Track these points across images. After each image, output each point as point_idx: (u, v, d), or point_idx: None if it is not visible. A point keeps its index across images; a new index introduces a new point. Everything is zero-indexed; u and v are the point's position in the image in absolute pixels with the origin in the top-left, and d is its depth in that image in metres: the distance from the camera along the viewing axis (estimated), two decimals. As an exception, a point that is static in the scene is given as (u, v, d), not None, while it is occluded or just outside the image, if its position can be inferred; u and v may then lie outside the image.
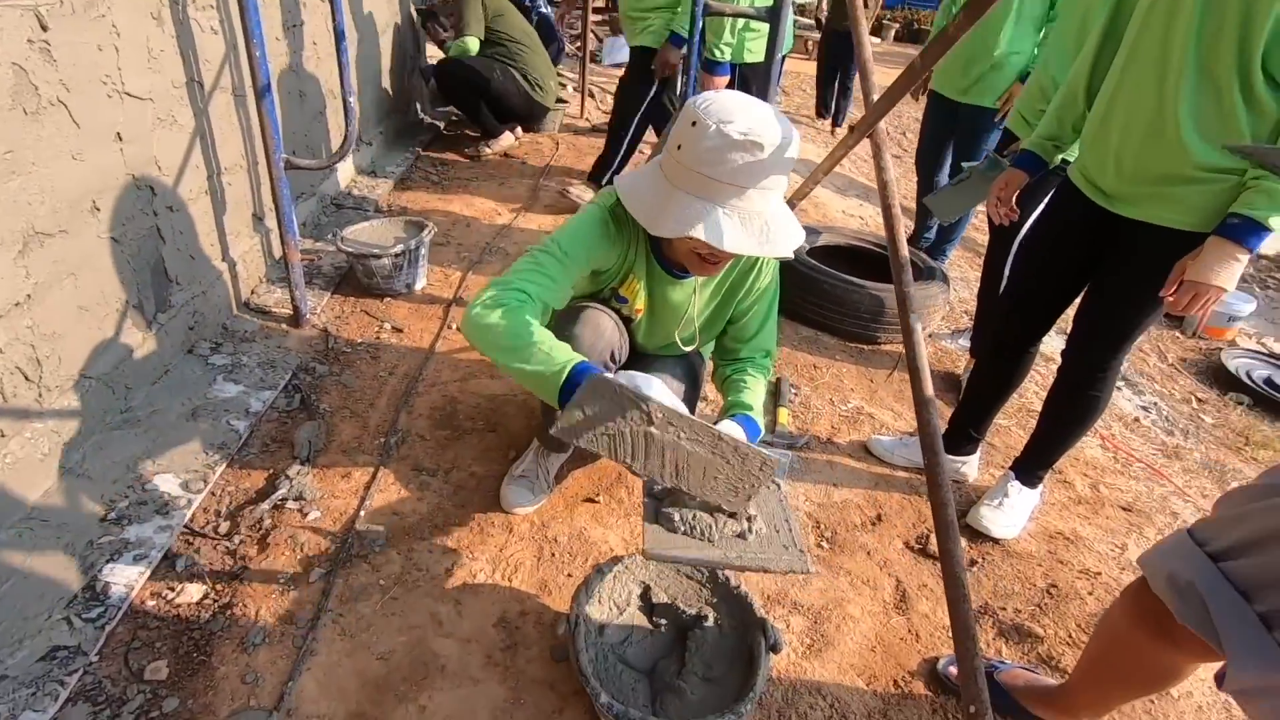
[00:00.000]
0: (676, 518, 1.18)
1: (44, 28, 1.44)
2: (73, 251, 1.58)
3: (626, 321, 1.59)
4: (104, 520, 1.51)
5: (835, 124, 6.19)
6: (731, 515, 1.19)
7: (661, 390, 1.15)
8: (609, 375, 1.11)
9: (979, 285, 2.60)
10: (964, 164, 2.42)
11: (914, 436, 2.15)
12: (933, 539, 1.82)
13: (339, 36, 2.08)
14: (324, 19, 2.91)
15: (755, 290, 1.53)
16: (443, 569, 1.54)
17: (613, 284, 1.53)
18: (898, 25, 12.98)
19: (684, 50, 3.00)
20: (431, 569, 1.54)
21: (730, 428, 1.33)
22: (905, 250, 1.07)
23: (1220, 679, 0.92)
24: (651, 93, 3.38)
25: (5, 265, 1.39)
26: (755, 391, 1.51)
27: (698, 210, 1.18)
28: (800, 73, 8.23)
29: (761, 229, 1.20)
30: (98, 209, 1.65)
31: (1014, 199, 1.82)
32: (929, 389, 0.99)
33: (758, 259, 1.48)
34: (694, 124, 1.17)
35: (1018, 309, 1.79)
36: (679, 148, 1.20)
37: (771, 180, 1.19)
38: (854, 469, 2.05)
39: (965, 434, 1.99)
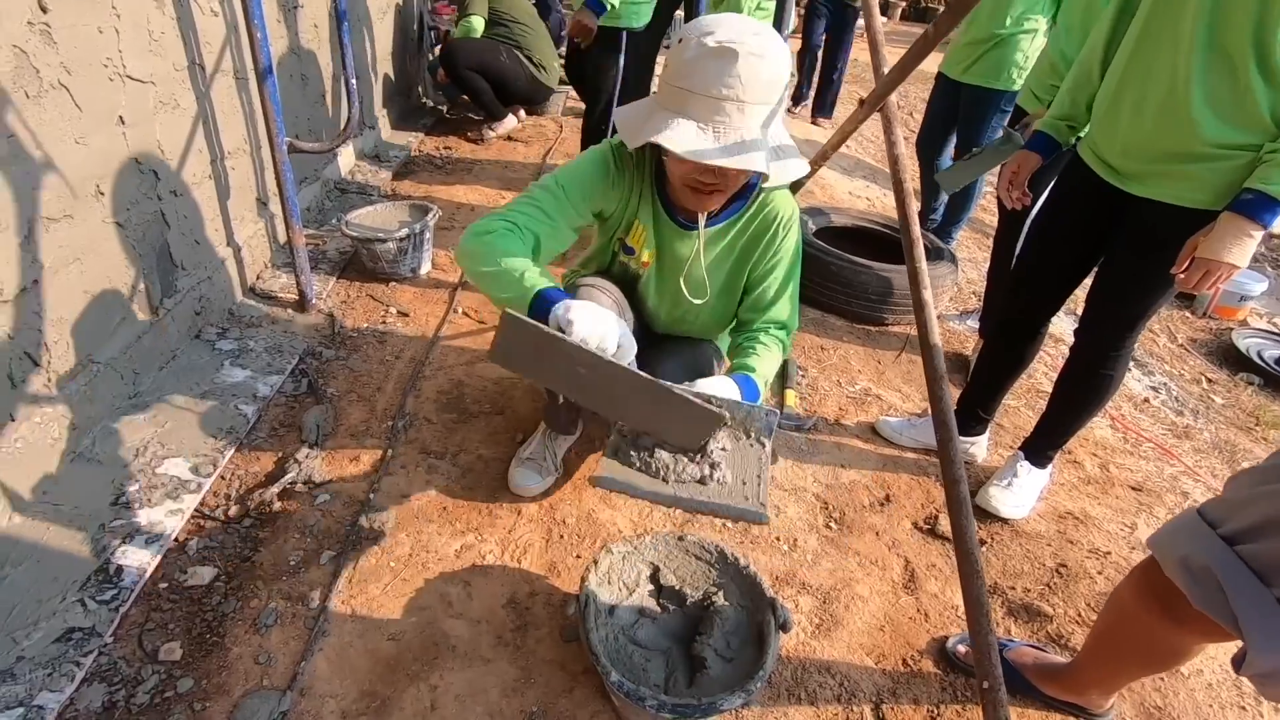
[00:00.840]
0: (633, 454, 1.16)
1: (43, 9, 1.43)
2: (78, 236, 1.57)
3: (635, 281, 1.57)
4: (115, 504, 1.52)
5: (820, 114, 5.54)
6: (697, 458, 1.16)
7: (593, 326, 1.11)
8: (522, 317, 1.08)
9: (988, 266, 2.58)
10: (974, 149, 2.39)
11: (922, 418, 2.14)
12: (941, 519, 1.81)
13: (340, 19, 2.05)
14: (325, 0, 2.88)
15: (771, 256, 1.47)
16: (452, 551, 1.55)
17: (619, 232, 1.50)
18: (904, 4, 12.80)
19: (599, 18, 2.75)
20: (440, 551, 1.55)
21: (714, 384, 1.29)
22: (917, 225, 1.06)
23: (1237, 663, 0.92)
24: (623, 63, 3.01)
25: (11, 250, 1.39)
26: (762, 357, 1.44)
27: (670, 121, 1.16)
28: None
29: (739, 141, 1.15)
30: (101, 193, 1.64)
31: (1026, 182, 1.79)
32: (942, 365, 0.98)
33: (772, 223, 1.44)
34: (680, 41, 1.18)
35: (1028, 288, 1.77)
36: (666, 66, 1.21)
37: (750, 93, 1.13)
38: (862, 450, 2.05)
39: (974, 414, 1.98)
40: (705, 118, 1.15)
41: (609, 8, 2.68)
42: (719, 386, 1.29)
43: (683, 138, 1.14)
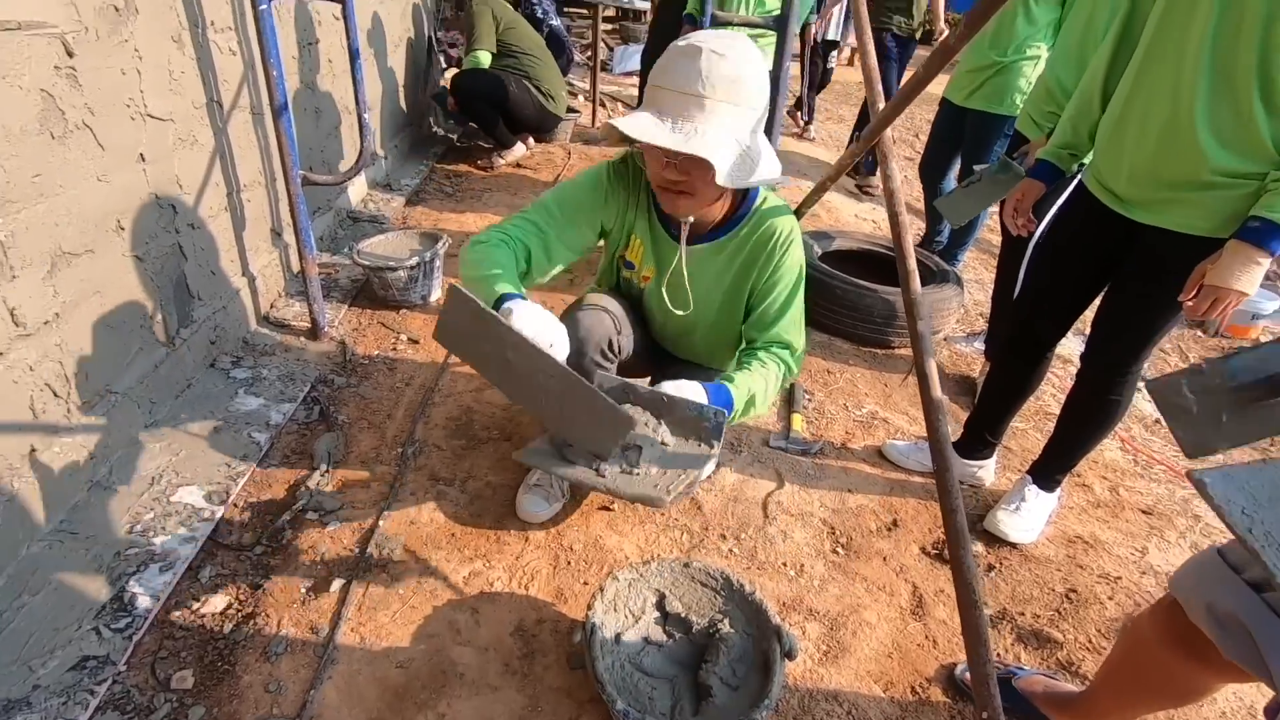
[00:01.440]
0: (559, 440, 1.21)
1: (70, 54, 1.49)
2: (99, 270, 1.62)
3: (640, 298, 1.59)
4: (131, 532, 1.55)
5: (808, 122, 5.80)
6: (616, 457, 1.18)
7: (532, 321, 1.18)
8: (466, 291, 1.14)
9: (993, 288, 2.59)
10: (975, 167, 2.41)
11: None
12: (949, 544, 1.81)
13: (353, 55, 2.12)
14: (339, 37, 2.96)
15: (770, 274, 1.47)
16: (460, 578, 1.56)
17: (620, 249, 1.55)
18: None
19: None
20: (449, 578, 1.56)
21: (679, 385, 1.30)
22: (913, 257, 1.07)
23: (1271, 713, 0.91)
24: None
25: (34, 285, 1.44)
26: (753, 372, 1.41)
27: (638, 114, 1.24)
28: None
29: (693, 132, 1.20)
30: (122, 228, 1.69)
31: (1029, 209, 1.81)
32: (938, 394, 1.00)
33: (770, 240, 1.45)
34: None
35: (1034, 313, 1.78)
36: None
37: (713, 90, 1.19)
38: (869, 474, 2.05)
39: (981, 438, 1.98)
40: (672, 113, 1.22)
41: None
42: (683, 387, 1.31)
43: (639, 125, 1.21)
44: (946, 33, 4.31)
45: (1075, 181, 1.77)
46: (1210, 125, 1.33)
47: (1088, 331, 1.69)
